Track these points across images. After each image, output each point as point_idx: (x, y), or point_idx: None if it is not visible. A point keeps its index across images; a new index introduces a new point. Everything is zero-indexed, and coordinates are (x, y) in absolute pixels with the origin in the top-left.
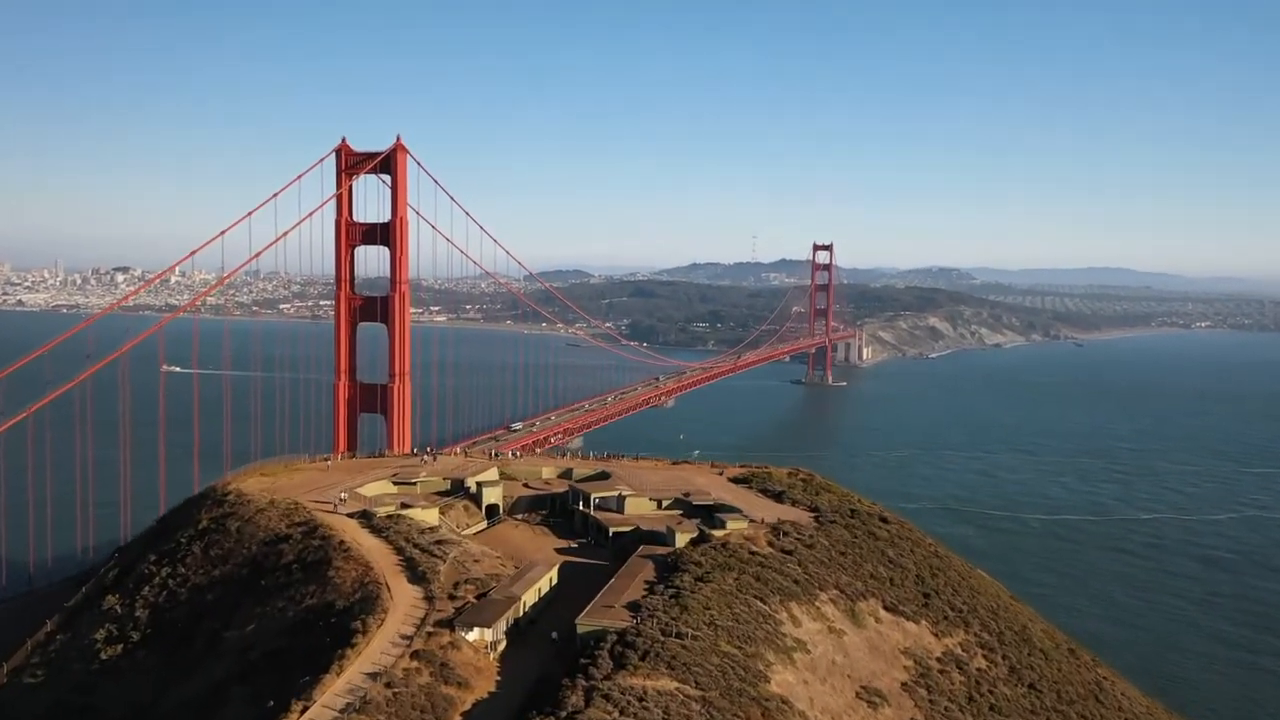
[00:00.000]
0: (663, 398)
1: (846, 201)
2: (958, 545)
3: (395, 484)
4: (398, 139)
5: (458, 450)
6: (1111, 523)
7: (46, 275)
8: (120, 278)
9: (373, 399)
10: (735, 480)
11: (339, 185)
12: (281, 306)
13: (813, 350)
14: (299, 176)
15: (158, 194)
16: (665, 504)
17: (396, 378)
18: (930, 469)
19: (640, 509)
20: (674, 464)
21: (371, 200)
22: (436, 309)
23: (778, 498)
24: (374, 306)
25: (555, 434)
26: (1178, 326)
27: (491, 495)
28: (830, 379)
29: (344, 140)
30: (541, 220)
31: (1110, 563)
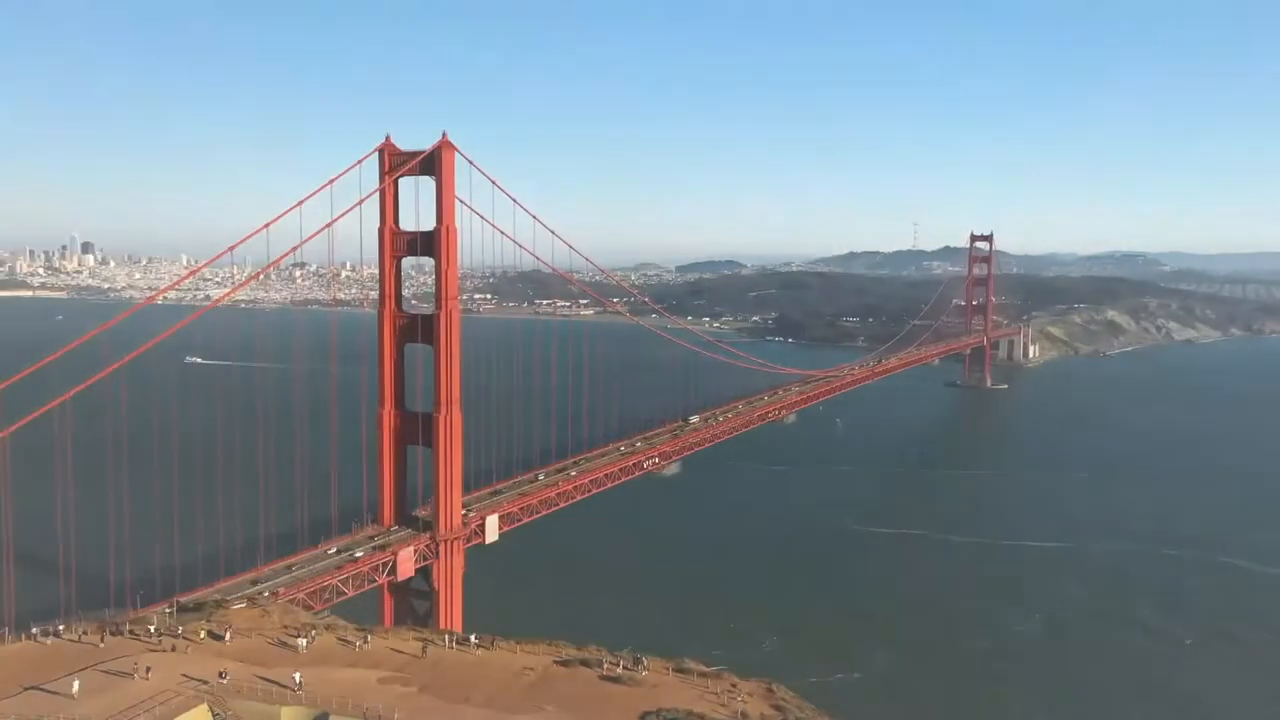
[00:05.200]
0: (782, 412)
1: (1017, 182)
2: (1185, 605)
3: None
4: (443, 136)
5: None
6: None
7: (235, 271)
8: (298, 273)
9: (415, 430)
10: None
11: (383, 188)
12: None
13: (968, 350)
14: (331, 181)
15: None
16: None
17: (444, 406)
18: (1118, 496)
19: None
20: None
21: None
22: (585, 302)
23: None
24: (415, 326)
25: (649, 458)
26: None
27: None
28: (989, 381)
29: (388, 138)
30: (698, 211)
31: None
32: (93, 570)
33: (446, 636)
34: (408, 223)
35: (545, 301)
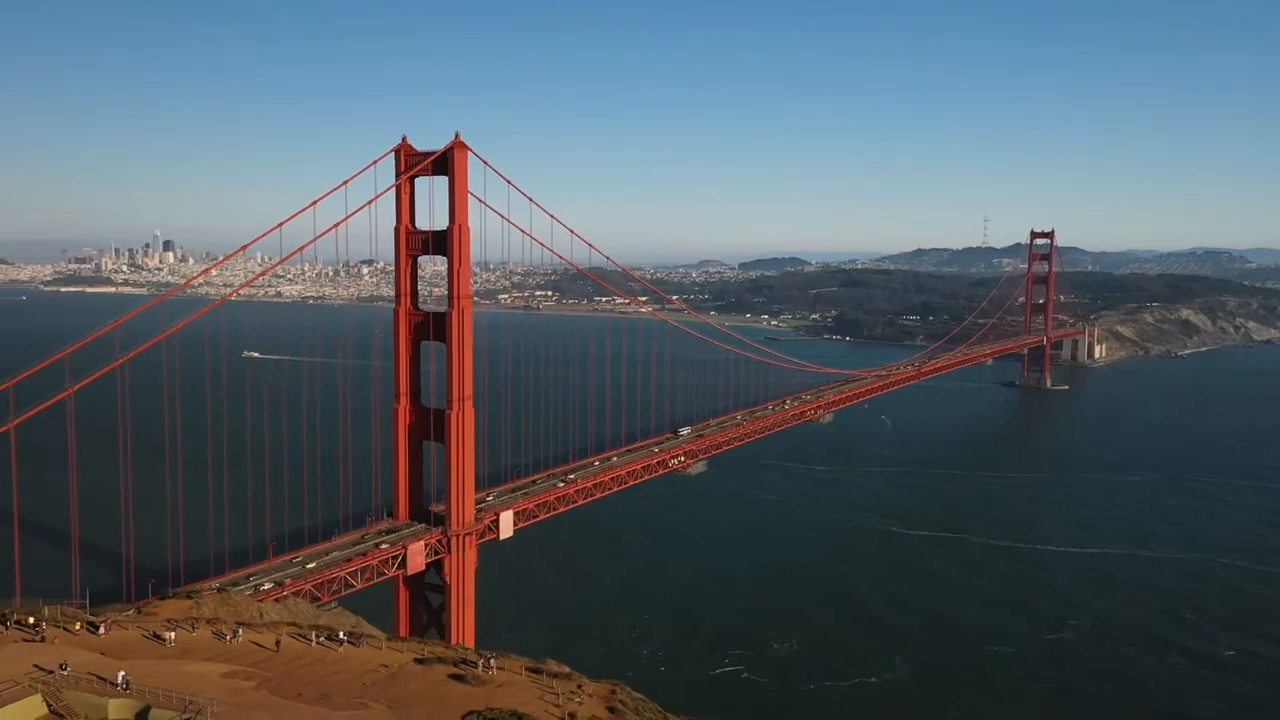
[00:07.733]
0: (818, 411)
1: (1095, 178)
2: (1221, 615)
3: None
4: (456, 136)
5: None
6: None
7: (306, 268)
8: (365, 270)
9: (430, 425)
10: None
11: (398, 187)
12: (500, 297)
13: (1026, 350)
14: (345, 182)
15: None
16: None
17: (456, 403)
18: (1171, 502)
19: None
20: None
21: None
22: (644, 299)
23: None
24: (428, 324)
25: (675, 456)
26: None
27: None
28: (1049, 381)
29: (404, 139)
30: (761, 209)
31: None
32: (100, 558)
33: (313, 633)
34: (434, 221)
35: (605, 299)
